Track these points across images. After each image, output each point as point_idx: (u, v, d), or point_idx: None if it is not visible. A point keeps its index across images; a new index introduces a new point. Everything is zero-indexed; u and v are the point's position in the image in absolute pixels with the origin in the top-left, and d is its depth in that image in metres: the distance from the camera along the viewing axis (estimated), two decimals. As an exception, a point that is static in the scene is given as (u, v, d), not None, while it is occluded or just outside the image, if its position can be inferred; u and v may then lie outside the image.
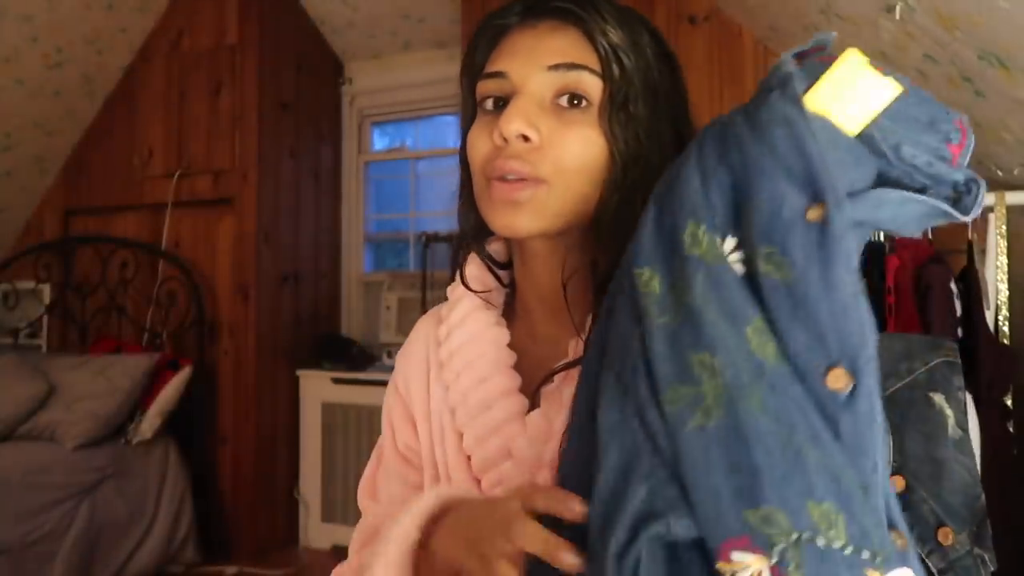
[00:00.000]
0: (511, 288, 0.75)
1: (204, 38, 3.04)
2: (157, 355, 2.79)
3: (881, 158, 0.44)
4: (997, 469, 1.42)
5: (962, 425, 0.91)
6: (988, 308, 1.68)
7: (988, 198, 1.71)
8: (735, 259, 0.43)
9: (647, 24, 0.67)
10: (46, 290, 3.23)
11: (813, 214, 0.40)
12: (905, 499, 0.85)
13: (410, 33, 3.18)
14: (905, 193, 0.44)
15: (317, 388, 3.01)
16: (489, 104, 0.64)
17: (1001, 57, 1.43)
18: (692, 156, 0.47)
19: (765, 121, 0.43)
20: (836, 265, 0.39)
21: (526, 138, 0.60)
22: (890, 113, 0.44)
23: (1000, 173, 1.85)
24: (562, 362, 0.63)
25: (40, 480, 2.33)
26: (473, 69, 0.68)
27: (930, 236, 1.88)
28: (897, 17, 1.57)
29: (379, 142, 3.57)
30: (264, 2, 2.98)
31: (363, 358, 3.00)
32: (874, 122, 0.44)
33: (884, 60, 1.86)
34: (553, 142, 0.60)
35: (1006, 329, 1.66)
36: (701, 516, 0.39)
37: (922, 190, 0.45)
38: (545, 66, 0.61)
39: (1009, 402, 1.57)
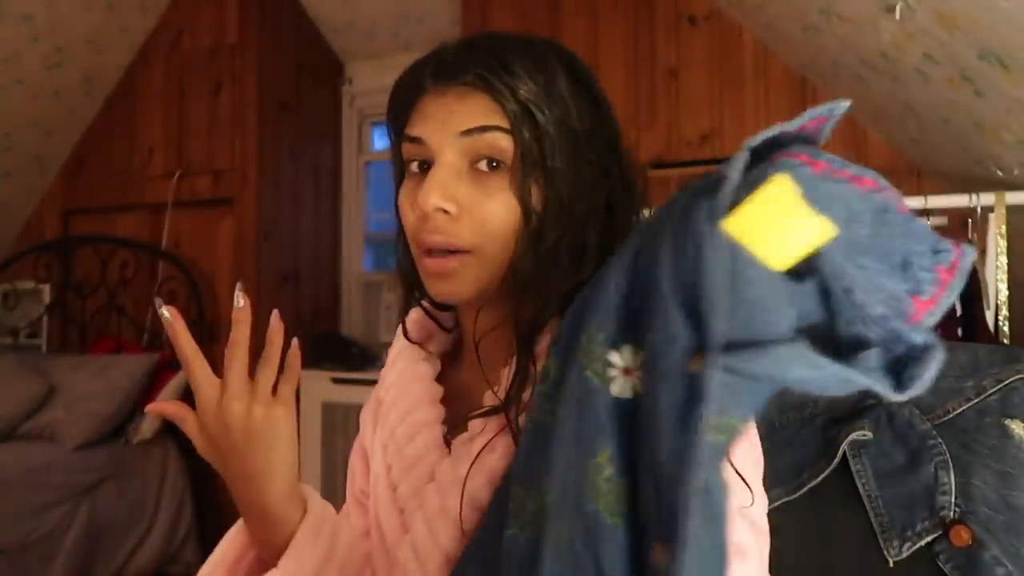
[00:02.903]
0: (457, 328, 0.76)
1: (204, 38, 3.04)
2: (157, 355, 2.78)
3: (828, 300, 0.36)
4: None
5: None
6: (988, 308, 1.68)
7: (988, 198, 1.71)
8: (619, 378, 0.39)
9: (566, 59, 0.64)
10: (46, 290, 3.23)
11: (696, 364, 0.34)
12: (971, 555, 0.68)
13: (410, 33, 3.18)
14: (819, 359, 0.34)
15: (317, 388, 3.00)
16: (414, 167, 0.64)
17: (1001, 57, 1.43)
18: (631, 242, 0.42)
19: (683, 232, 0.36)
20: (693, 431, 0.32)
21: (445, 210, 0.60)
22: (850, 246, 0.36)
23: (1000, 173, 1.85)
24: (475, 413, 0.63)
25: (40, 480, 2.32)
26: (397, 126, 0.68)
27: (930, 236, 1.88)
28: (897, 17, 1.57)
29: (379, 142, 3.57)
30: (264, 2, 2.98)
31: (363, 358, 3.00)
32: (822, 256, 0.36)
33: (884, 60, 1.86)
34: (472, 210, 0.60)
35: (1006, 329, 1.66)
36: None
37: (866, 344, 0.36)
38: (457, 132, 0.61)
39: (1009, 402, 1.57)
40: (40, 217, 3.36)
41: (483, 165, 0.61)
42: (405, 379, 0.71)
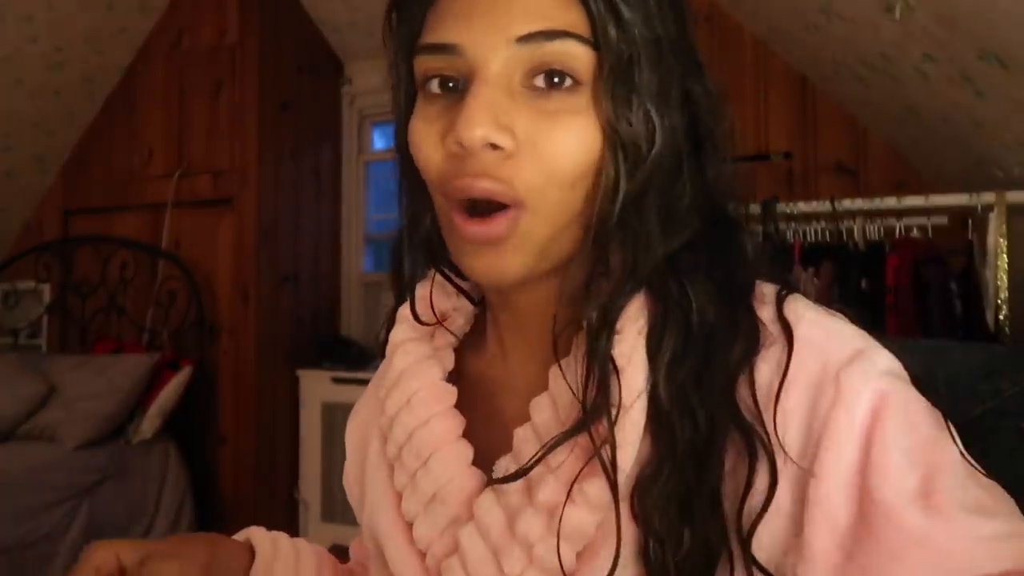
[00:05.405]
0: (481, 304, 0.59)
1: (204, 38, 3.04)
2: (157, 355, 2.78)
3: None
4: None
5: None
6: (988, 308, 1.68)
7: (988, 198, 1.71)
8: None
9: None
10: (46, 290, 3.23)
11: None
12: None
13: (410, 33, 3.18)
14: None
15: (317, 388, 3.00)
16: (434, 85, 0.46)
17: (1001, 57, 1.43)
18: None
19: None
20: None
21: (495, 146, 0.43)
22: None
23: (1000, 173, 1.85)
24: (548, 442, 0.44)
25: (40, 480, 2.32)
26: (405, 35, 0.49)
27: (929, 235, 1.88)
28: (897, 17, 1.57)
29: (379, 142, 3.57)
30: (264, 2, 2.98)
31: (363, 358, 3.00)
32: None
33: (884, 60, 1.86)
34: (535, 144, 0.43)
35: (1007, 329, 1.66)
36: None
37: None
38: (513, 37, 0.43)
39: (1009, 402, 1.57)
40: (40, 217, 3.36)
41: (541, 81, 0.44)
42: (409, 380, 0.54)
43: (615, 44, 0.43)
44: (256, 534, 0.62)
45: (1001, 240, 1.68)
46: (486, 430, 0.52)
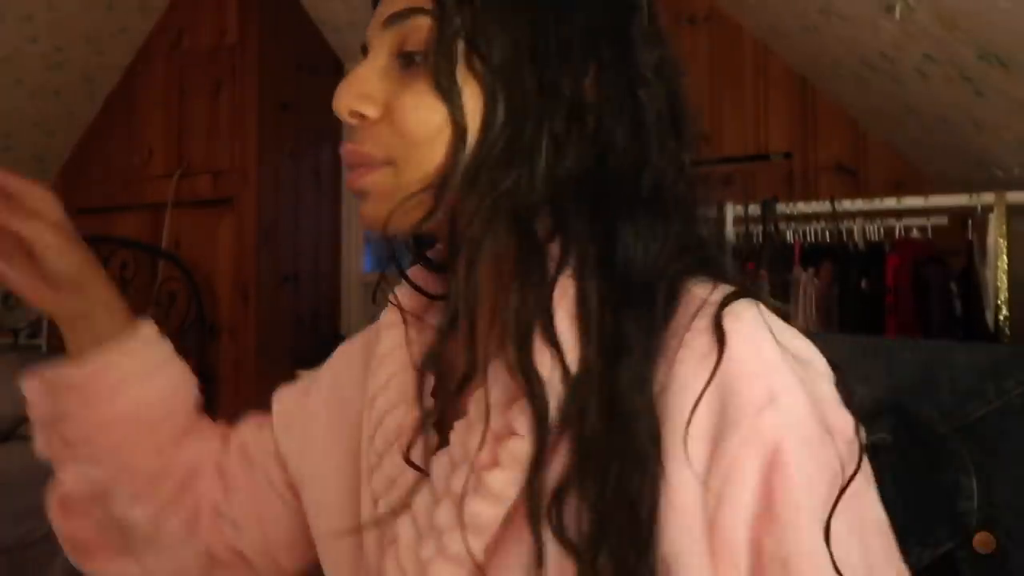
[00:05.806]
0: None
1: (204, 38, 3.04)
2: (157, 355, 2.78)
3: None
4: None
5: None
6: (988, 309, 1.68)
7: (988, 198, 1.71)
8: None
9: None
10: (46, 290, 3.23)
11: None
12: (995, 563, 0.66)
13: (410, 33, 3.18)
14: None
15: (317, 388, 3.00)
16: None
17: (1001, 57, 1.43)
18: None
19: None
20: None
21: (363, 115, 0.49)
22: None
23: (1000, 173, 1.85)
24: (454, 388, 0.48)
25: (40, 480, 2.31)
26: None
27: (929, 235, 1.88)
28: (897, 17, 1.57)
29: (379, 142, 3.57)
30: (264, 2, 2.98)
31: (363, 358, 3.00)
32: None
33: (884, 60, 1.86)
34: (392, 111, 0.48)
35: (1007, 330, 1.66)
36: None
37: None
38: (381, 22, 0.50)
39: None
40: (40, 217, 3.36)
41: (405, 59, 0.49)
42: (389, 363, 0.57)
43: (450, 15, 0.46)
44: (145, 327, 0.68)
45: (1001, 240, 1.68)
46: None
